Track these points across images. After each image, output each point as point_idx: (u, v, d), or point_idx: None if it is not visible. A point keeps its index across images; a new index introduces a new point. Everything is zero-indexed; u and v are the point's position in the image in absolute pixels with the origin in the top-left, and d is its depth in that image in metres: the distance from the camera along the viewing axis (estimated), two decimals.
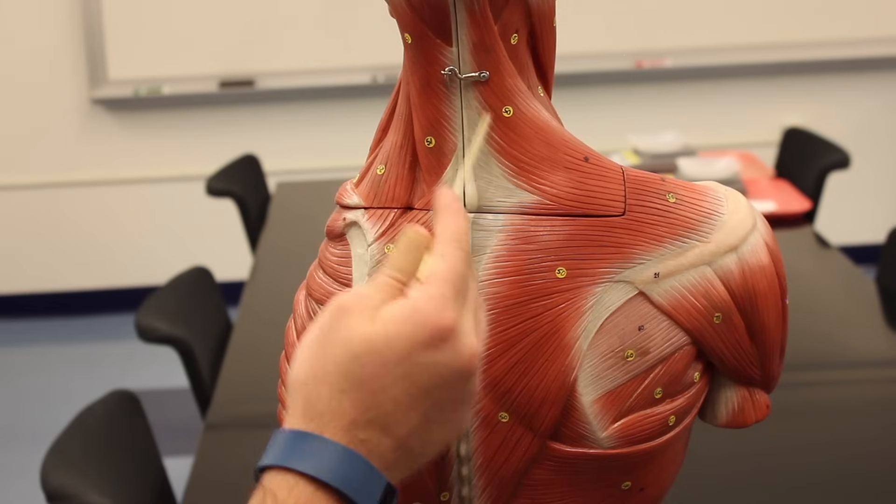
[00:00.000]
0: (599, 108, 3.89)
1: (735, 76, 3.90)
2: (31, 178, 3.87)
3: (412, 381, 0.56)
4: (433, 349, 0.56)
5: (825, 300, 2.00)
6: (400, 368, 0.56)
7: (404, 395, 0.56)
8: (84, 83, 3.79)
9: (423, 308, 0.57)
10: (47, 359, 3.67)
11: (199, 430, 1.66)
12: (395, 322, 0.56)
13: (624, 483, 0.79)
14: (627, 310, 0.75)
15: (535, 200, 0.74)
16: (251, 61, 3.77)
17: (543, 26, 0.75)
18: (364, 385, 0.56)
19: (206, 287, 2.14)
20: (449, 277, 0.58)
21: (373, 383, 0.56)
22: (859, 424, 1.53)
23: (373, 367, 0.56)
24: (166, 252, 3.96)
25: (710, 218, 0.77)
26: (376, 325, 0.57)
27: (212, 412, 1.64)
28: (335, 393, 0.56)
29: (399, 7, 0.73)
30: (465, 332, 0.58)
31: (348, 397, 0.56)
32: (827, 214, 3.71)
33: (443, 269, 0.58)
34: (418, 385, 0.57)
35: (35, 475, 1.37)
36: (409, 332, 0.56)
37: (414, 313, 0.57)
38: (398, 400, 0.56)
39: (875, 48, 3.85)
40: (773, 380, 0.83)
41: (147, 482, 1.51)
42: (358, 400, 0.56)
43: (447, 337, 0.57)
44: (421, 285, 0.58)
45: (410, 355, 0.56)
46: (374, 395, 0.56)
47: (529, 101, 0.74)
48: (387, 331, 0.56)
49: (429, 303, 0.57)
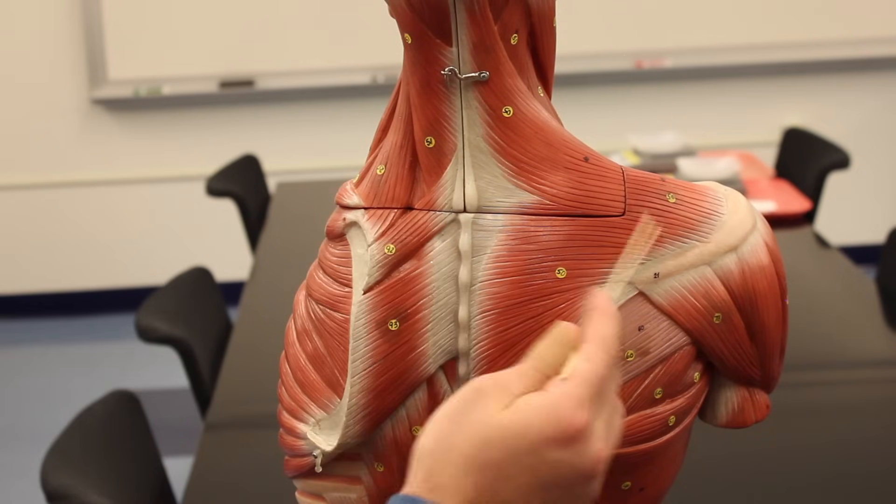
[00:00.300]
0: (599, 108, 3.89)
1: (735, 76, 3.90)
2: (31, 178, 3.87)
3: (535, 475, 0.58)
4: (562, 448, 0.57)
5: (825, 300, 2.00)
6: (527, 460, 0.57)
7: (525, 486, 0.58)
8: (84, 83, 3.79)
9: (559, 405, 0.58)
10: (47, 359, 3.67)
11: (199, 430, 1.66)
12: (531, 414, 0.58)
13: (624, 483, 0.79)
14: (627, 310, 0.75)
15: (535, 200, 0.74)
16: (251, 61, 3.77)
17: (543, 26, 0.75)
18: (490, 469, 0.58)
19: (206, 287, 2.14)
20: (590, 379, 0.59)
21: (498, 470, 0.58)
22: (859, 424, 1.53)
23: (501, 455, 0.58)
24: (166, 252, 3.96)
25: (710, 218, 0.77)
26: (512, 414, 0.58)
27: (212, 412, 1.64)
28: (461, 470, 0.58)
29: (399, 7, 0.73)
30: (595, 437, 0.59)
31: (472, 478, 0.58)
32: (827, 214, 3.71)
33: (586, 371, 0.59)
34: (540, 479, 0.58)
35: (35, 475, 1.37)
36: (542, 427, 0.57)
37: (550, 408, 0.58)
38: (518, 490, 0.58)
39: (875, 48, 3.85)
40: (773, 380, 0.83)
41: (147, 482, 1.51)
42: (481, 482, 0.58)
43: (578, 438, 0.58)
44: (562, 382, 0.59)
45: (539, 449, 0.57)
46: (497, 481, 0.58)
47: (529, 101, 0.74)
48: (521, 421, 0.58)
49: (567, 401, 0.58)
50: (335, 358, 0.79)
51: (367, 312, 0.77)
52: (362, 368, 0.77)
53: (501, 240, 0.74)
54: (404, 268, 0.76)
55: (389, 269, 0.76)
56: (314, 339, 0.81)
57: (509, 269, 0.74)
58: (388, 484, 0.79)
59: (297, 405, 0.81)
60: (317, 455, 0.80)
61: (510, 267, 0.74)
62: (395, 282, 0.76)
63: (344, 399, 0.78)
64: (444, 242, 0.75)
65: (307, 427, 0.81)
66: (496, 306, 0.74)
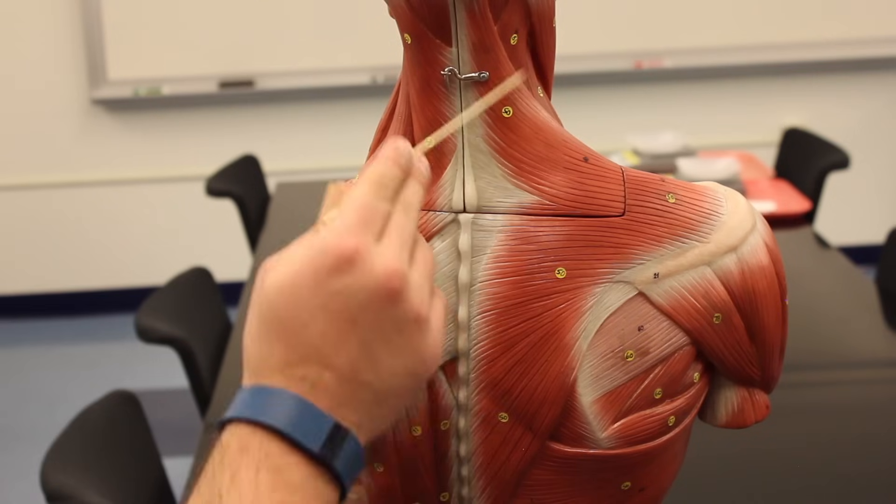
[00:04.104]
0: (599, 108, 3.89)
1: (735, 76, 3.90)
2: (31, 178, 3.88)
3: (331, 311, 0.57)
4: (341, 274, 0.56)
5: (825, 300, 2.00)
6: (314, 301, 0.56)
7: (328, 325, 0.57)
8: (84, 83, 3.79)
9: (323, 238, 0.57)
10: (47, 359, 3.67)
11: (199, 430, 1.66)
12: (300, 259, 0.57)
13: (624, 483, 0.79)
14: (627, 310, 0.75)
15: (535, 201, 0.74)
16: (251, 61, 3.77)
17: (543, 26, 0.75)
18: (284, 326, 0.57)
19: (206, 287, 2.14)
20: (350, 207, 0.58)
21: (292, 321, 0.57)
22: (859, 424, 1.53)
23: (287, 307, 0.57)
24: (166, 252, 3.96)
25: (710, 218, 0.77)
26: (285, 268, 0.57)
27: (212, 412, 1.64)
28: (263, 343, 0.58)
29: (399, 7, 0.73)
30: (377, 254, 0.57)
31: (275, 342, 0.57)
32: (827, 215, 3.71)
33: (346, 202, 0.59)
34: (339, 313, 0.57)
35: (35, 475, 1.37)
36: (313, 264, 0.57)
37: (315, 245, 0.57)
38: (324, 332, 0.57)
39: (875, 48, 3.85)
40: (772, 380, 0.83)
41: (147, 482, 1.51)
42: (283, 341, 0.57)
43: (353, 259, 0.56)
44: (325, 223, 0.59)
45: (319, 285, 0.56)
46: (298, 332, 0.57)
47: (529, 102, 0.74)
48: (293, 270, 0.57)
49: (329, 232, 0.57)
50: None
51: None
52: None
53: (501, 240, 0.74)
54: None
55: None
56: None
57: (509, 269, 0.74)
58: (387, 484, 0.79)
59: None
60: None
61: (510, 267, 0.74)
62: None
63: None
64: (443, 242, 0.75)
65: None
66: (496, 306, 0.74)
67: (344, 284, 0.56)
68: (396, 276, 0.57)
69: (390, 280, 0.57)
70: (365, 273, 0.56)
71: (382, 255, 0.57)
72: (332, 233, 0.57)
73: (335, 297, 0.56)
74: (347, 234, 0.57)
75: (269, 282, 0.58)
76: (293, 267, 0.57)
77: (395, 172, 0.61)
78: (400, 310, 0.58)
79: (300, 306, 0.57)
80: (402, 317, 0.58)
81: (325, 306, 0.56)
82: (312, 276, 0.56)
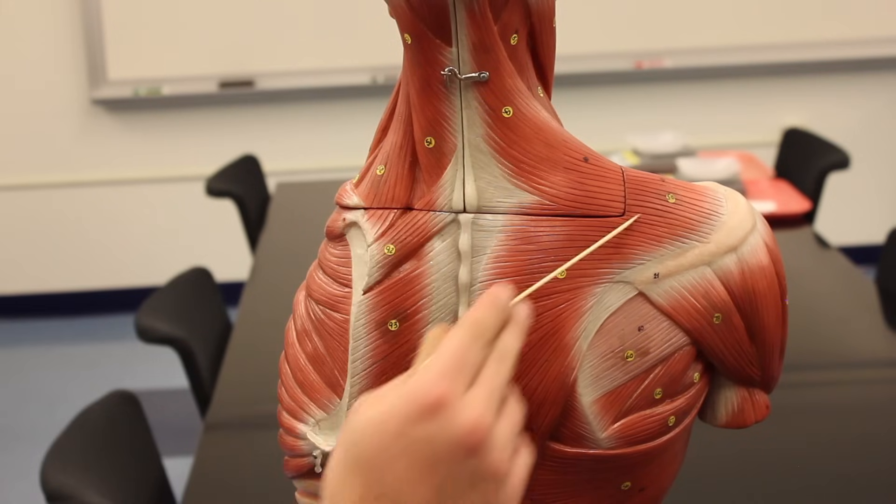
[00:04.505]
0: (599, 108, 3.89)
1: (735, 76, 3.90)
2: (31, 178, 3.87)
3: (412, 456, 0.57)
4: (426, 421, 0.57)
5: (825, 300, 2.00)
6: (397, 445, 0.57)
7: (408, 470, 0.57)
8: (84, 83, 3.79)
9: (416, 383, 0.58)
10: (47, 359, 3.67)
11: (199, 430, 1.66)
12: (390, 401, 0.58)
13: (624, 483, 0.79)
14: (627, 310, 0.75)
15: (535, 201, 0.74)
16: (251, 61, 3.77)
17: (543, 26, 0.75)
18: (366, 464, 0.58)
19: (206, 287, 2.14)
20: (445, 354, 0.59)
21: (374, 460, 0.58)
22: (859, 424, 1.53)
23: (371, 446, 0.58)
24: (166, 252, 3.96)
25: (710, 218, 0.77)
26: (375, 407, 0.59)
27: (212, 412, 1.64)
28: (345, 475, 0.59)
29: (399, 7, 0.73)
30: (464, 404, 0.58)
31: (355, 476, 0.58)
32: (827, 215, 3.71)
33: (441, 347, 0.60)
34: (420, 459, 0.57)
35: (35, 475, 1.37)
36: (403, 408, 0.57)
37: (408, 389, 0.58)
38: (403, 476, 0.58)
39: (875, 48, 3.85)
40: (772, 380, 0.83)
41: (147, 482, 1.51)
42: (363, 479, 0.58)
43: (439, 408, 0.57)
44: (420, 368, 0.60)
45: (405, 431, 0.57)
46: (377, 472, 0.58)
47: (529, 102, 0.74)
48: (383, 411, 0.58)
49: (422, 377, 0.58)
50: (335, 358, 0.79)
51: (367, 313, 0.77)
52: (362, 369, 0.77)
53: (501, 240, 0.74)
54: (404, 268, 0.76)
55: (389, 269, 0.76)
56: (314, 339, 0.81)
57: (509, 269, 0.74)
58: None
59: (296, 405, 0.81)
60: (316, 455, 0.80)
61: (510, 267, 0.74)
62: (395, 282, 0.76)
63: (344, 399, 0.79)
64: (443, 243, 0.75)
65: (307, 427, 0.81)
66: None
67: (427, 432, 0.57)
68: (480, 430, 0.58)
69: (473, 433, 0.57)
70: (449, 422, 0.57)
71: (469, 405, 0.58)
72: (423, 378, 0.58)
73: (417, 443, 0.57)
74: (437, 381, 0.57)
75: (359, 418, 0.59)
76: (382, 408, 0.58)
77: (492, 318, 0.61)
78: (479, 463, 0.58)
79: (383, 447, 0.58)
80: (481, 470, 0.58)
81: (406, 450, 0.57)
82: (398, 420, 0.57)
